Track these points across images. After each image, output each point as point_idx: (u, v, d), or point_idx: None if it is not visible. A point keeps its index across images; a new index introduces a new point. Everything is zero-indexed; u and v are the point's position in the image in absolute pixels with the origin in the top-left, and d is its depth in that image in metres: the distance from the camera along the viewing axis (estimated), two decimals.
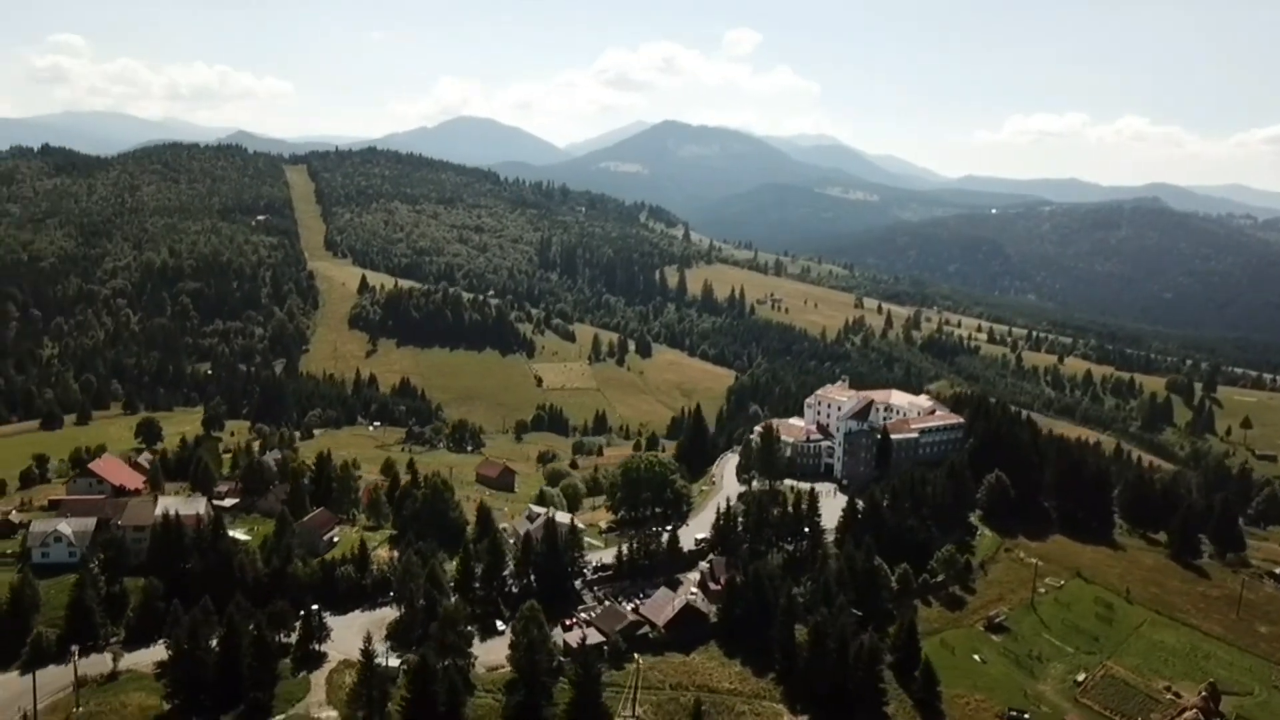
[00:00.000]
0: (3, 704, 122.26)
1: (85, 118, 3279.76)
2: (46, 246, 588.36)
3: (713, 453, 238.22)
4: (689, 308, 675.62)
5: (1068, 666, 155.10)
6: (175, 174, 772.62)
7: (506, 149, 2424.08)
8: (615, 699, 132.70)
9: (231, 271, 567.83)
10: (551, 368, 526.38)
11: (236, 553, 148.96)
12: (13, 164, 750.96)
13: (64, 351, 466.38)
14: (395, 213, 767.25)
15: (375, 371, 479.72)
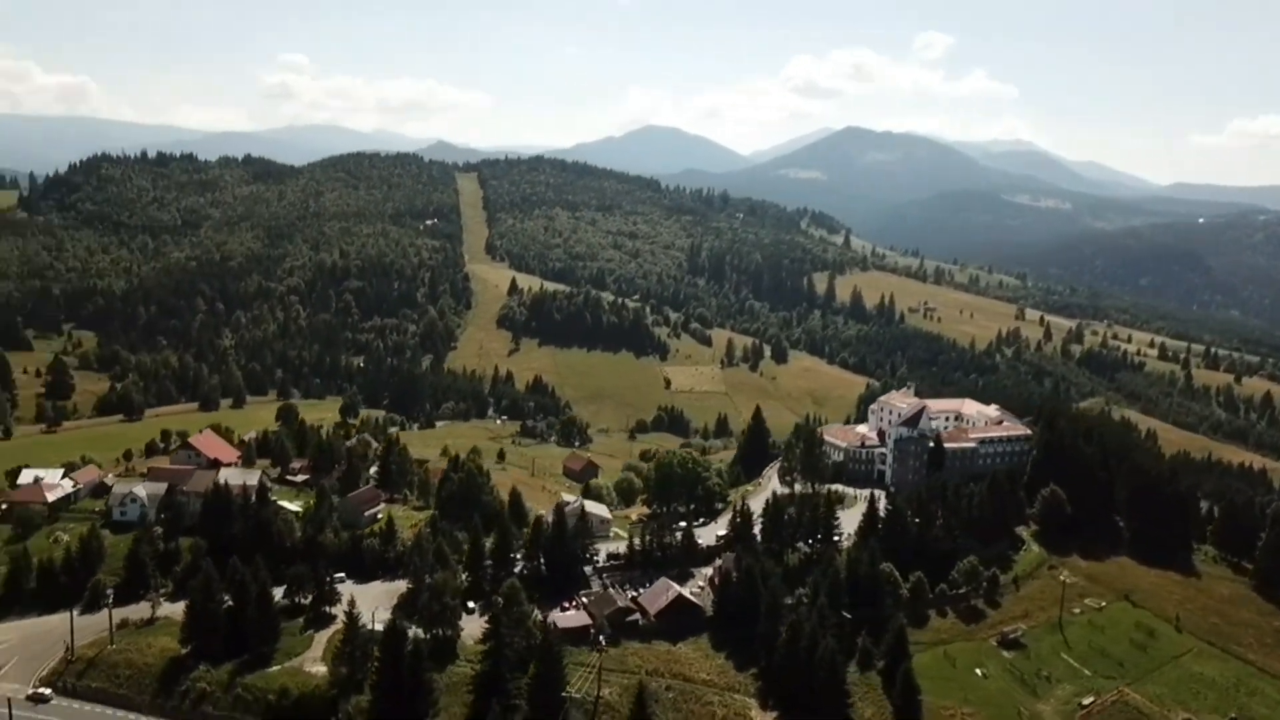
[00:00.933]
0: (56, 638, 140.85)
1: (305, 130, 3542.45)
2: (237, 247, 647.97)
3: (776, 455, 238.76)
4: (836, 314, 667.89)
5: (1078, 689, 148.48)
6: (356, 181, 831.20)
7: (689, 157, 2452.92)
8: (586, 678, 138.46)
9: (394, 272, 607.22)
10: (682, 370, 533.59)
11: (274, 520, 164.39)
12: (218, 172, 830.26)
13: (239, 342, 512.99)
14: (555, 219, 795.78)
15: (514, 369, 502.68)
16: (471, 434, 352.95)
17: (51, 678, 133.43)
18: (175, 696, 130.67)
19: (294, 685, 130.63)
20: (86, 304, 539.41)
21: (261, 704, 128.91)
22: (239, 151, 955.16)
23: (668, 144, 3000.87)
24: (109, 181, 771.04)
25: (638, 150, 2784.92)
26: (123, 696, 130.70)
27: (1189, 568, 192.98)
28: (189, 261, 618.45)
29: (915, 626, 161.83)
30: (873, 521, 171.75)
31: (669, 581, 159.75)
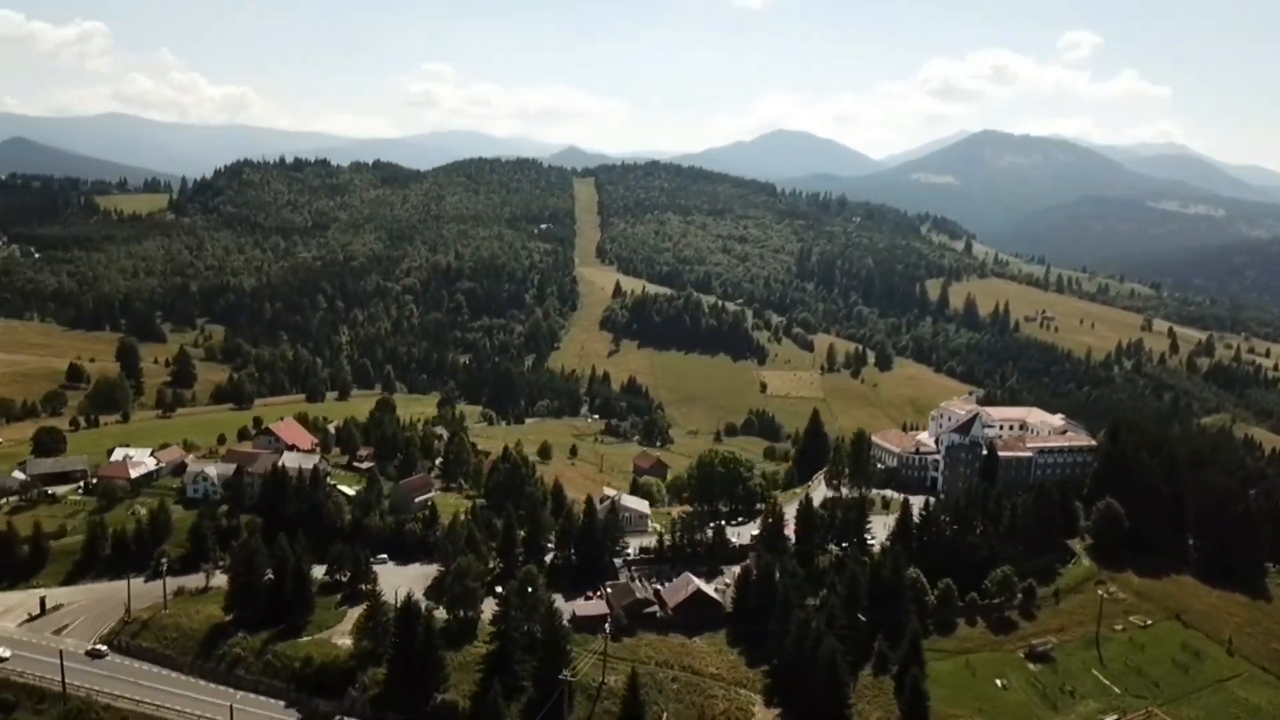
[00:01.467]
0: (120, 601, 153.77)
1: (446, 137, 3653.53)
2: (360, 248, 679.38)
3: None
4: (947, 322, 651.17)
5: (1103, 706, 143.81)
6: (476, 185, 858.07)
7: (818, 162, 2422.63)
8: (596, 666, 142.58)
9: (505, 274, 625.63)
10: (779, 375, 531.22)
11: (325, 502, 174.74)
12: (348, 177, 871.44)
13: (354, 338, 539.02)
14: (666, 223, 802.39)
15: (612, 370, 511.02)
16: (556, 430, 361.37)
17: (110, 636, 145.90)
18: (213, 659, 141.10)
19: (319, 655, 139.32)
20: (219, 300, 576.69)
21: (288, 671, 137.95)
22: (383, 157, 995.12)
23: (797, 148, 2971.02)
24: (249, 185, 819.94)
25: (767, 155, 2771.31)
26: (168, 657, 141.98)
27: (1260, 590, 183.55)
28: (314, 261, 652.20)
29: (942, 634, 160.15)
30: (905, 527, 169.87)
31: (690, 576, 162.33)
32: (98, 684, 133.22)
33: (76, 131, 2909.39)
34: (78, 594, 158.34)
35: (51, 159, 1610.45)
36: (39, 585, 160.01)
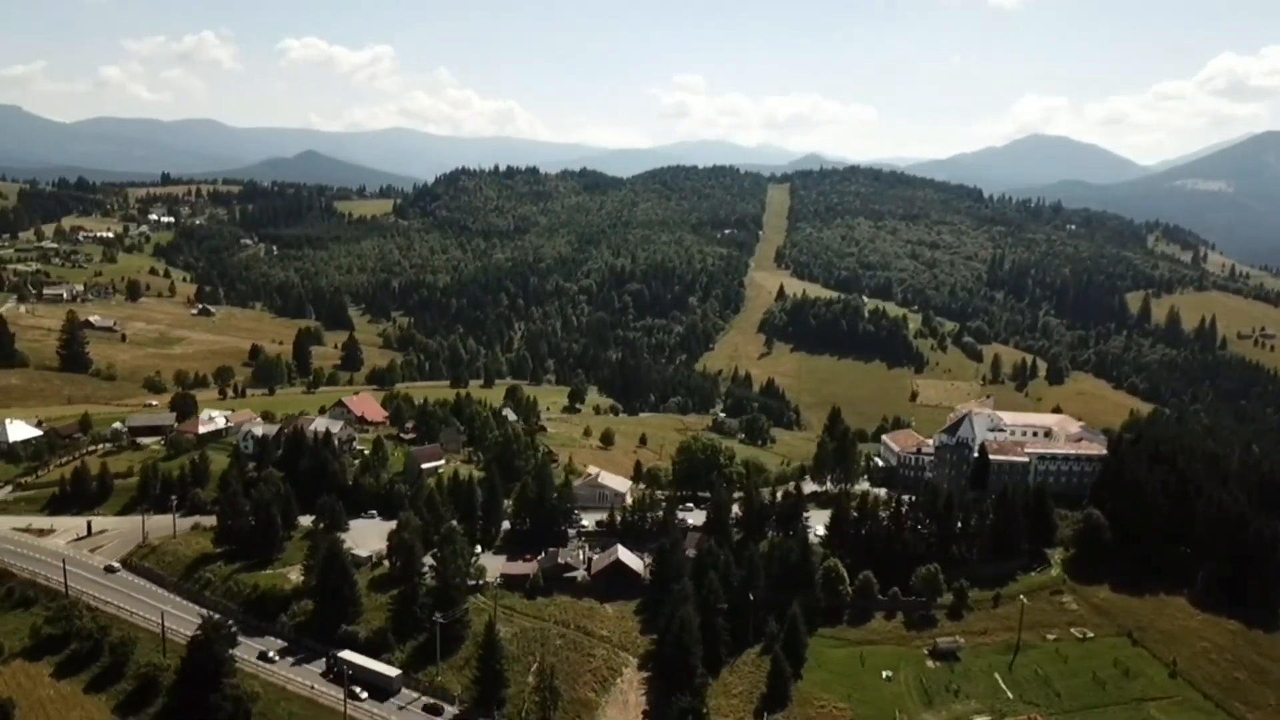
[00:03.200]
0: (148, 531, 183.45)
1: (695, 147, 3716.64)
2: (549, 251, 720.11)
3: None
4: (1144, 336, 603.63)
5: (982, 709, 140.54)
6: (670, 192, 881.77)
7: (1071, 167, 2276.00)
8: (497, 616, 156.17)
9: (675, 276, 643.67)
10: (935, 384, 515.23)
11: (331, 461, 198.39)
12: (554, 184, 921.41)
13: (526, 334, 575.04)
14: (855, 228, 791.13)
15: (759, 371, 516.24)
16: (660, 423, 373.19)
17: (126, 557, 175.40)
18: (191, 581, 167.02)
19: (266, 585, 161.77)
20: (415, 295, 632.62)
21: (240, 596, 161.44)
22: (634, 167, 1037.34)
23: (1052, 154, 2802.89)
24: (463, 192, 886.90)
25: (1016, 161, 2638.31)
26: (160, 576, 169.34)
27: (1266, 620, 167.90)
28: (506, 262, 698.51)
29: (854, 624, 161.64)
30: (840, 520, 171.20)
31: (619, 548, 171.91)
32: (97, 591, 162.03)
33: (363, 144, 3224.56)
34: (122, 523, 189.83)
35: (334, 169, 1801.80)
36: (98, 514, 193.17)
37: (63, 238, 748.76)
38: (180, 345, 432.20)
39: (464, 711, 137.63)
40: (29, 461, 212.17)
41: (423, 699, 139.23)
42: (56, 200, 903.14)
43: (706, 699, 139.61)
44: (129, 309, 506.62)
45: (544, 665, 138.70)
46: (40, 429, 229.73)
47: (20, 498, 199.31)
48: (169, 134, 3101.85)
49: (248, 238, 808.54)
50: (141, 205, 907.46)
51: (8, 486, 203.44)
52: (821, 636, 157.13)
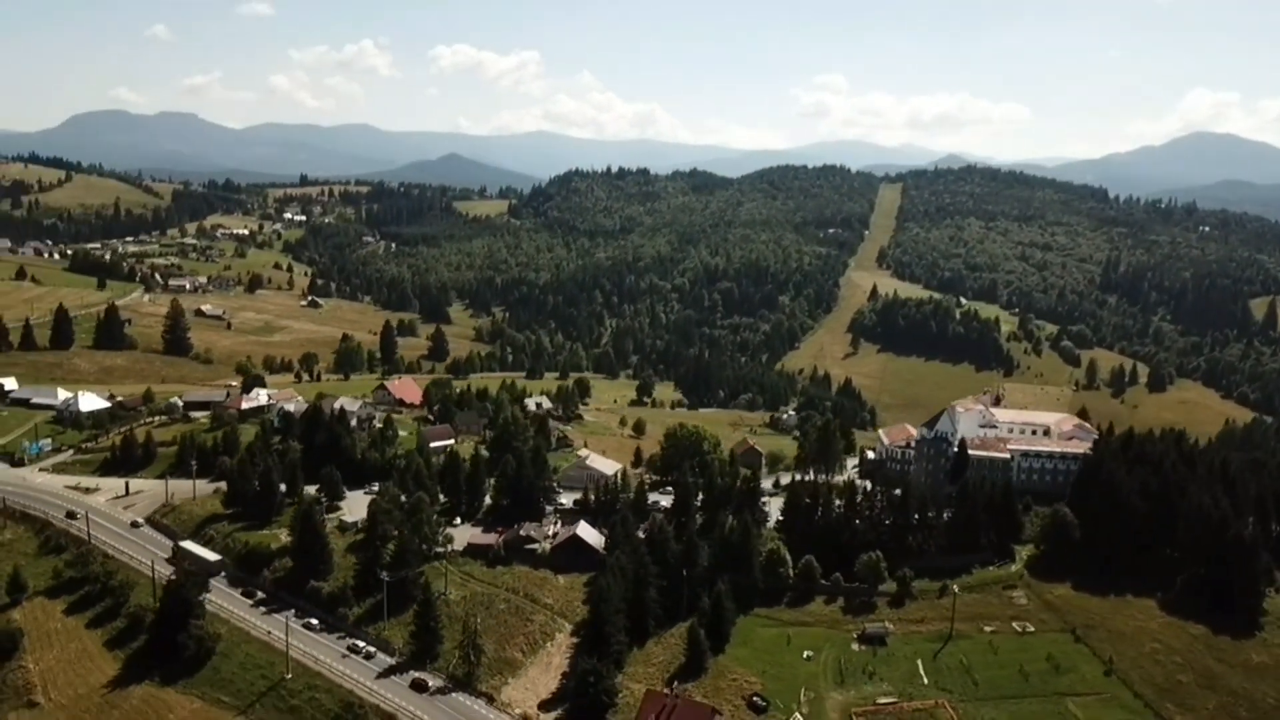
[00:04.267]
0: (172, 493, 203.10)
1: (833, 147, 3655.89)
2: (649, 250, 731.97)
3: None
4: (1269, 344, 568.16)
5: (891, 692, 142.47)
6: (776, 192, 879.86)
7: (1235, 167, 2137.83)
8: (453, 579, 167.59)
9: (768, 276, 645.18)
10: (1024, 388, 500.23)
11: (344, 436, 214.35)
12: (664, 184, 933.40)
13: (615, 331, 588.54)
14: (965, 229, 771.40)
15: (842, 371, 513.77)
16: (715, 418, 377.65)
17: (150, 515, 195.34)
18: (197, 537, 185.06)
19: (255, 543, 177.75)
20: (515, 291, 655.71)
21: (233, 552, 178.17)
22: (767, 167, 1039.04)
23: (1215, 153, 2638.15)
24: (575, 193, 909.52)
25: (1173, 161, 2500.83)
26: (173, 531, 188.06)
27: (1238, 627, 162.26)
28: (605, 261, 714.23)
29: (794, 605, 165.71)
30: (793, 506, 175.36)
31: (582, 524, 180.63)
32: (115, 541, 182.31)
33: (507, 148, 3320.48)
34: (157, 485, 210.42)
35: (475, 172, 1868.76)
36: (139, 477, 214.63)
37: (203, 234, 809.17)
38: (280, 334, 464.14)
39: (401, 662, 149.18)
40: (92, 429, 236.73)
41: (365, 648, 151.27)
42: (204, 200, 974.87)
43: (625, 665, 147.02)
44: (244, 300, 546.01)
45: (469, 624, 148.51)
46: (108, 401, 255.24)
47: (78, 460, 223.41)
48: (328, 138, 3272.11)
49: (370, 235, 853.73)
50: (279, 205, 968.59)
51: (70, 450, 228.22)
52: (757, 615, 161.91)
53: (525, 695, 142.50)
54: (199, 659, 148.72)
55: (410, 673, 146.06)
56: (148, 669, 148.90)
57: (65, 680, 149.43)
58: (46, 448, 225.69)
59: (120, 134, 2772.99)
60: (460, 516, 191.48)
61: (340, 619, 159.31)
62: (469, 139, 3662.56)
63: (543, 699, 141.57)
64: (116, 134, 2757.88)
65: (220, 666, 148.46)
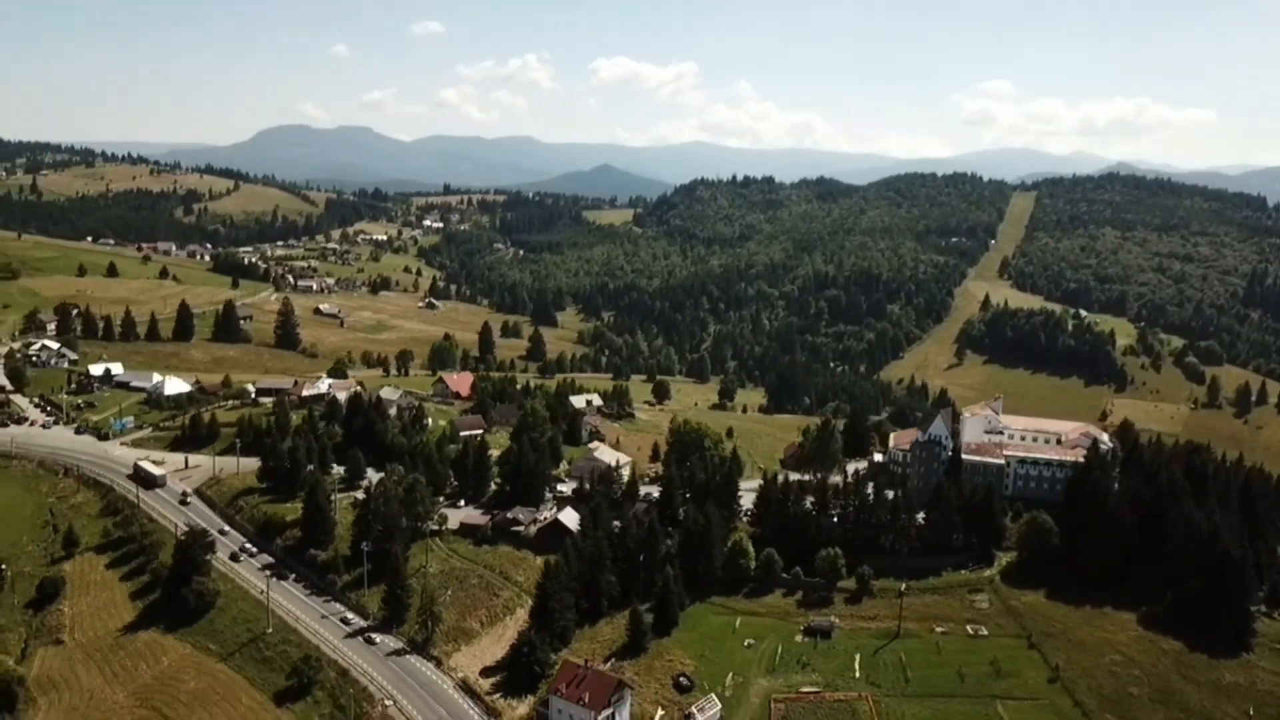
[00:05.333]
0: (221, 468, 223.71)
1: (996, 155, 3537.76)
2: (762, 257, 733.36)
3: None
4: None
5: (817, 682, 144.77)
6: (901, 200, 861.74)
7: None
8: (434, 554, 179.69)
9: (878, 284, 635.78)
10: (1135, 405, 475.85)
11: (378, 421, 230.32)
12: (788, 193, 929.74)
13: (715, 336, 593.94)
14: (1098, 239, 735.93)
15: (942, 382, 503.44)
16: (783, 423, 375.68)
17: (199, 487, 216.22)
18: (230, 507, 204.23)
19: (273, 514, 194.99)
20: (626, 296, 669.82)
21: (255, 522, 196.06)
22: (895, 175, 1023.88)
23: None
24: (699, 201, 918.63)
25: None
26: (213, 501, 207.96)
27: (1221, 646, 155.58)
28: (717, 268, 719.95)
29: (752, 596, 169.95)
30: (764, 500, 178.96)
31: (568, 509, 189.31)
32: (160, 507, 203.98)
33: (663, 158, 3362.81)
34: (213, 461, 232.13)
35: (626, 182, 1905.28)
36: (201, 453, 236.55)
37: (346, 240, 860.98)
38: (389, 332, 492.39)
39: (371, 625, 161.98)
40: (172, 410, 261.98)
41: (343, 612, 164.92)
42: (353, 208, 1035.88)
43: (572, 641, 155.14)
44: (364, 300, 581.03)
45: (427, 594, 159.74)
46: (190, 386, 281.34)
47: (154, 437, 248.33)
48: (490, 150, 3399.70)
49: (500, 242, 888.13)
50: (420, 212, 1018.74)
51: (150, 428, 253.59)
52: (712, 603, 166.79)
53: (472, 661, 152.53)
54: (199, 611, 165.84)
55: (376, 635, 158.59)
56: (157, 617, 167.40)
57: (90, 623, 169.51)
58: (129, 425, 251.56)
59: (301, 147, 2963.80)
60: (465, 499, 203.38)
61: (329, 584, 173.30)
62: (626, 150, 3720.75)
63: (486, 665, 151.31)
64: (298, 147, 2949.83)
65: (215, 619, 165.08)
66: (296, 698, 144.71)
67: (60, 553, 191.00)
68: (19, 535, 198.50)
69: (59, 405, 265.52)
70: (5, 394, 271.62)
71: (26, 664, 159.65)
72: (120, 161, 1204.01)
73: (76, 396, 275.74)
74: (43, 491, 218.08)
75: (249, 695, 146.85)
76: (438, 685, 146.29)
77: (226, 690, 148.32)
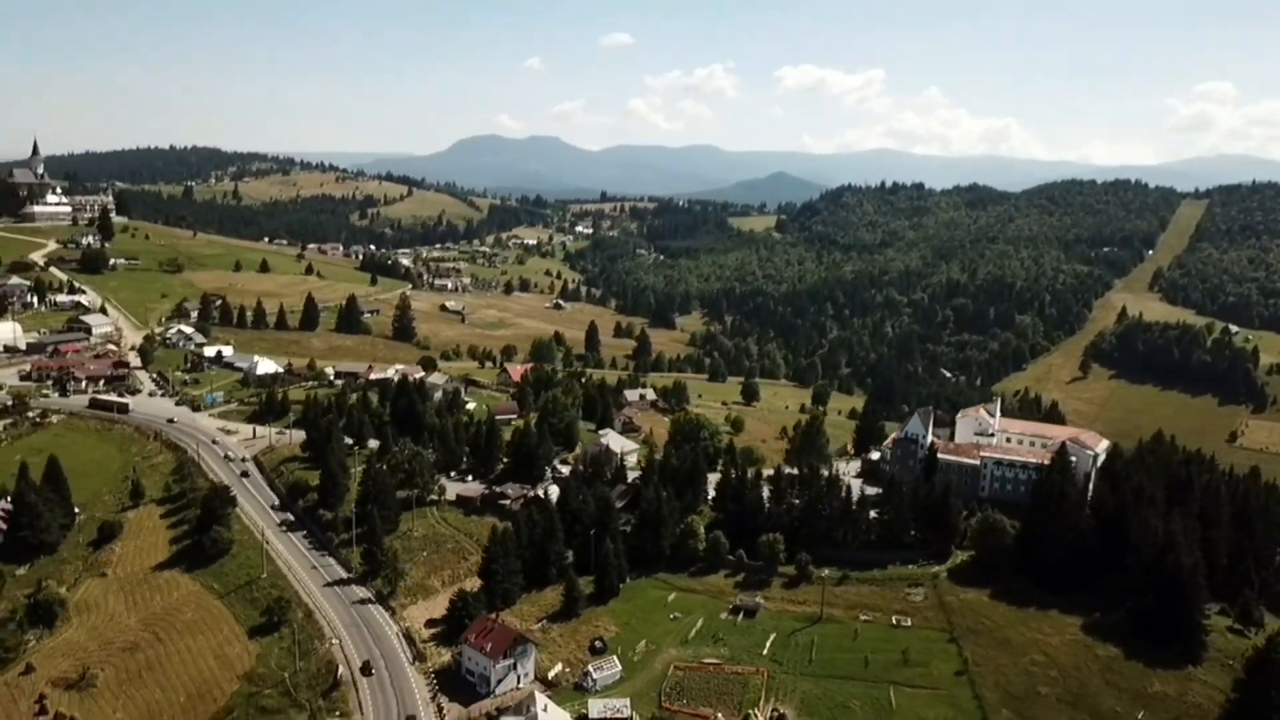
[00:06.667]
0: (277, 438, 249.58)
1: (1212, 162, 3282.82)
2: (898, 264, 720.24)
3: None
4: None
5: (721, 655, 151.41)
6: (1053, 208, 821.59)
7: None
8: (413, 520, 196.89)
9: (1011, 293, 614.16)
10: (1274, 427, 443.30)
11: (418, 403, 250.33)
12: (936, 200, 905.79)
13: (833, 342, 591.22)
14: (1270, 250, 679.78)
15: (1062, 396, 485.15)
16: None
17: (257, 454, 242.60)
18: (275, 471, 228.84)
19: (299, 478, 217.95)
20: (751, 301, 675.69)
21: (289, 484, 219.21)
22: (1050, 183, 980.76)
23: None
24: (843, 208, 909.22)
25: None
26: (262, 466, 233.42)
27: (1167, 658, 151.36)
28: (850, 274, 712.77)
29: (700, 574, 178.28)
30: (722, 489, 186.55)
31: (554, 487, 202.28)
32: (219, 468, 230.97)
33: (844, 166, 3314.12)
34: (270, 431, 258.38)
35: (800, 190, 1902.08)
36: (271, 425, 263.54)
37: (499, 244, 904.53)
38: (506, 329, 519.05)
39: (353, 577, 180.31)
40: (258, 388, 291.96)
41: (332, 564, 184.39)
42: (513, 214, 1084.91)
43: (515, 603, 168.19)
44: (494, 299, 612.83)
45: (392, 553, 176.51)
46: (280, 367, 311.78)
47: (237, 410, 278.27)
48: (673, 158, 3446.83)
49: (644, 248, 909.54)
50: (574, 219, 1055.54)
51: (235, 402, 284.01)
52: (656, 579, 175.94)
53: (422, 614, 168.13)
54: (214, 556, 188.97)
55: (353, 586, 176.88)
56: (182, 560, 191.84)
57: (131, 561, 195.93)
58: (219, 399, 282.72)
59: (493, 156, 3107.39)
60: (474, 474, 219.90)
61: (327, 541, 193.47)
62: (808, 157, 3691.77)
63: (431, 618, 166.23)
64: (490, 156, 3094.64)
65: (225, 564, 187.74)
66: (266, 633, 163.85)
67: (128, 503, 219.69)
68: (100, 486, 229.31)
69: (169, 380, 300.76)
70: (130, 370, 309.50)
71: (73, 591, 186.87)
72: (311, 169, 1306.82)
73: (188, 374, 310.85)
74: (132, 451, 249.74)
75: (230, 627, 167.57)
76: (384, 630, 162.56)
77: (214, 622, 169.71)
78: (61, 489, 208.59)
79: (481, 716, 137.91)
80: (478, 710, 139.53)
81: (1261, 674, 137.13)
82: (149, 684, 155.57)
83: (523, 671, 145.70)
